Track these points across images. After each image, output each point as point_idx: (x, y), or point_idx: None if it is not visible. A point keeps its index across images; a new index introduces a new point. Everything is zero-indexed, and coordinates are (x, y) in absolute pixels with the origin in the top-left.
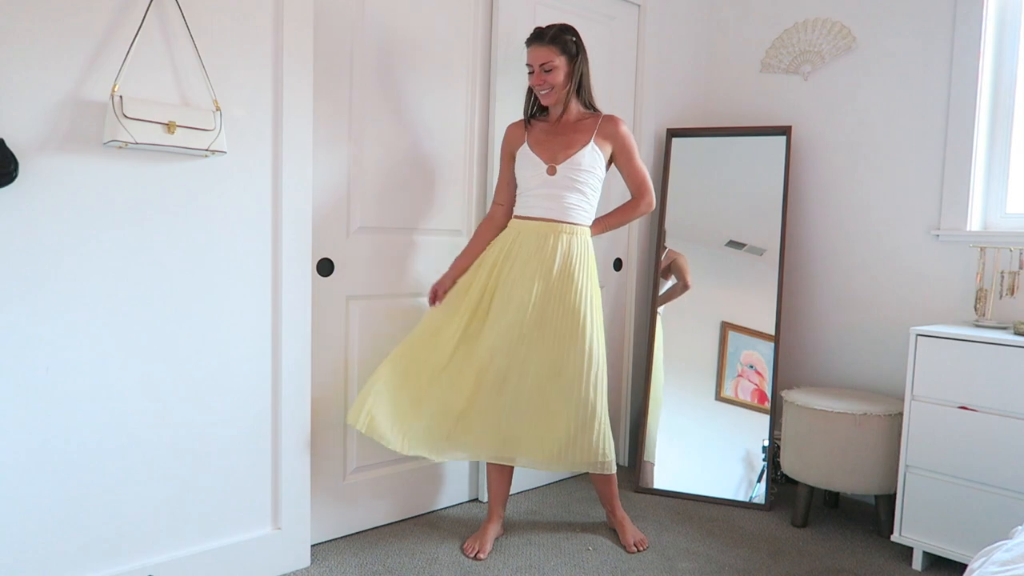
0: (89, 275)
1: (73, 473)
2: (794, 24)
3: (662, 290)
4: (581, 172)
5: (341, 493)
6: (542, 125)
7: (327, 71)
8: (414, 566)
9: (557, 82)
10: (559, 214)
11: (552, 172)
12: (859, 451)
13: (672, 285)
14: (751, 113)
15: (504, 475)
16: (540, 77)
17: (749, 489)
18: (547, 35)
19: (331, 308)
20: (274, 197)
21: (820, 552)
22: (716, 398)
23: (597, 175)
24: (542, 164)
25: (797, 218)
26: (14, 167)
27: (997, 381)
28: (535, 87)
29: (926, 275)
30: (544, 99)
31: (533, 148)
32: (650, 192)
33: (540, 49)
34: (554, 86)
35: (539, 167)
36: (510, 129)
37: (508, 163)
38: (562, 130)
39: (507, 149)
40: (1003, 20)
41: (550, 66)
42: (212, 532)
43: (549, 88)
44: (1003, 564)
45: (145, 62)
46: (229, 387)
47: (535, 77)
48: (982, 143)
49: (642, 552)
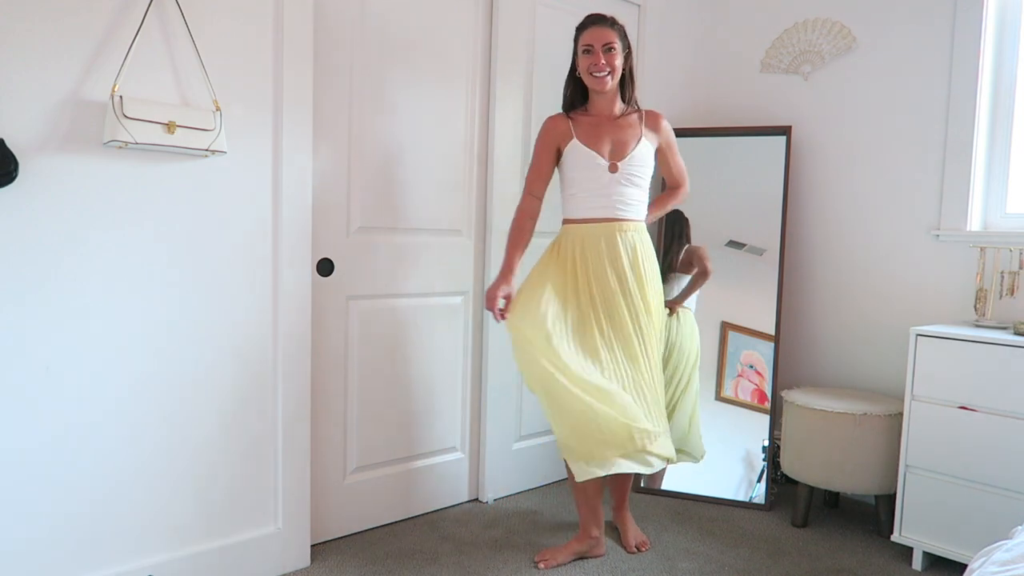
0: (89, 275)
1: (73, 473)
2: (794, 24)
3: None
4: (640, 167)
5: (341, 493)
6: (587, 120)
7: (327, 71)
8: (414, 566)
9: (616, 65)
10: (624, 212)
11: (614, 170)
12: (859, 451)
13: (693, 276)
14: (751, 113)
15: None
16: (601, 57)
17: (749, 489)
18: (608, 19)
19: (331, 308)
20: (274, 197)
21: (820, 552)
22: (716, 398)
23: (651, 169)
24: (603, 162)
25: (797, 218)
26: (14, 167)
27: (997, 381)
28: (593, 69)
29: (926, 275)
30: (600, 83)
31: (587, 144)
32: (687, 182)
33: (604, 30)
34: (614, 69)
35: (600, 165)
36: (554, 122)
37: (550, 157)
38: (612, 126)
39: (551, 142)
40: (1003, 20)
41: (612, 46)
42: (212, 532)
43: (609, 71)
44: (1003, 564)
45: (145, 62)
46: (229, 386)
47: (593, 58)
48: (982, 143)
49: (642, 552)
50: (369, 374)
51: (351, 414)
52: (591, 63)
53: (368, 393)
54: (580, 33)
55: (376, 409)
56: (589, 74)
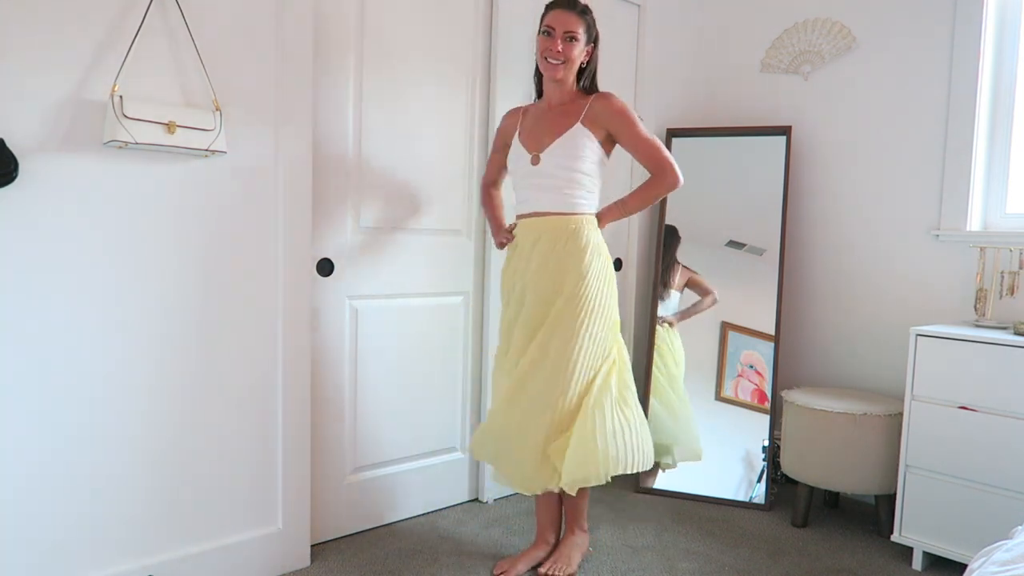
0: (89, 275)
1: (73, 472)
2: (794, 24)
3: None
4: (568, 158)
5: (341, 493)
6: (535, 111)
7: (327, 71)
8: (414, 566)
9: (573, 56)
10: (548, 205)
11: (536, 162)
12: (859, 451)
13: (698, 301)
14: (751, 113)
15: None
16: (558, 44)
17: (749, 489)
18: (579, 6)
19: (331, 308)
20: (274, 197)
21: (820, 552)
22: (716, 398)
23: (589, 159)
24: (526, 154)
25: (797, 218)
26: (14, 167)
27: (997, 381)
28: (548, 54)
29: (926, 275)
30: (552, 70)
31: (521, 137)
32: (670, 166)
33: (569, 15)
34: (569, 60)
35: (523, 157)
36: (506, 118)
37: (499, 156)
38: (553, 116)
39: (503, 139)
40: (1003, 20)
41: (574, 36)
42: (212, 532)
43: (563, 60)
44: (1003, 564)
45: (145, 62)
46: (229, 386)
47: (550, 43)
48: (982, 143)
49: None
50: (369, 374)
51: (351, 414)
52: (547, 47)
53: (368, 393)
54: (545, 13)
55: (376, 409)
56: (543, 58)
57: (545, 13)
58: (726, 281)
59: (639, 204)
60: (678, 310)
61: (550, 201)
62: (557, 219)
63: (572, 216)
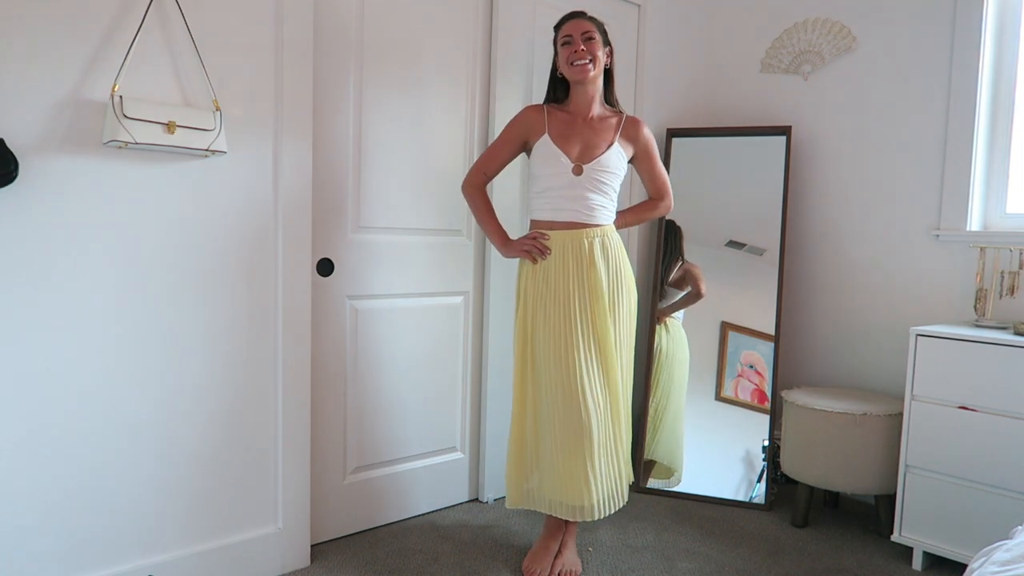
0: (89, 274)
1: (73, 472)
2: (794, 24)
3: (674, 299)
4: (607, 174)
5: (341, 493)
6: (563, 116)
7: (327, 71)
8: (414, 566)
9: (597, 54)
10: (586, 216)
11: (578, 172)
12: (859, 451)
13: (685, 293)
14: (751, 113)
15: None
16: (581, 44)
17: (749, 489)
18: (587, 14)
19: (331, 308)
20: (274, 197)
21: (820, 552)
22: (716, 398)
23: (619, 176)
24: (568, 162)
25: (797, 218)
26: (14, 167)
27: (997, 381)
28: (574, 58)
29: (926, 275)
30: (581, 71)
31: (556, 141)
32: (670, 195)
33: (582, 21)
34: (595, 58)
35: (564, 165)
36: (529, 112)
37: (513, 147)
38: (586, 127)
39: (521, 132)
40: (1003, 20)
41: (591, 35)
42: (212, 532)
43: (590, 58)
44: (1003, 564)
45: (145, 62)
46: (230, 386)
47: (573, 47)
48: (982, 143)
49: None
50: (369, 374)
51: (351, 414)
52: (571, 52)
53: (368, 393)
54: (559, 29)
55: (376, 409)
56: (569, 64)
57: (558, 30)
58: (726, 281)
59: (634, 221)
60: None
61: (590, 213)
62: (602, 230)
63: (605, 227)
